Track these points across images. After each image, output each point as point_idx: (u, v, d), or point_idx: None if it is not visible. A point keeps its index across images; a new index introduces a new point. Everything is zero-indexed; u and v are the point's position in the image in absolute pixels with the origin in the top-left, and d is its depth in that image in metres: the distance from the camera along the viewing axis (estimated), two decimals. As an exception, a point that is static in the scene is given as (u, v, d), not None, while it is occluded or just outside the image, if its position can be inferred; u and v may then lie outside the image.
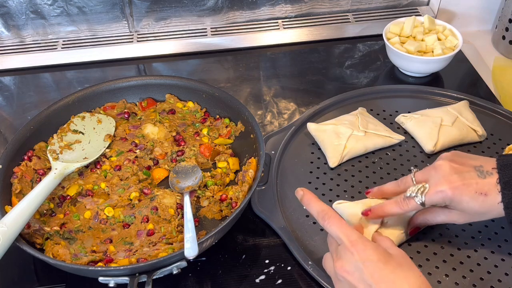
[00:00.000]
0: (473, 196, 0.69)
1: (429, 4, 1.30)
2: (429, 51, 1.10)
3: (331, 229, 0.67)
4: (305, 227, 0.83)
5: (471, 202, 0.69)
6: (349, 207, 0.80)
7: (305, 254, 0.79)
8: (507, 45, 1.20)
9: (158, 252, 0.77)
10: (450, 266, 0.77)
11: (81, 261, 0.76)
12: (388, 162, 0.93)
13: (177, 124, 0.99)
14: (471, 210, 0.70)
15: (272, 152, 0.94)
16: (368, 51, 1.22)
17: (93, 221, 0.84)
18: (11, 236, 0.73)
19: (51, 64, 1.20)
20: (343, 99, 1.04)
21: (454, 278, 0.76)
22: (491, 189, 0.68)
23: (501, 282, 0.75)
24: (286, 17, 1.28)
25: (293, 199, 0.87)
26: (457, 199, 0.70)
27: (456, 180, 0.70)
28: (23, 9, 1.18)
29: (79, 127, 0.96)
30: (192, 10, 1.23)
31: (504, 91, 1.10)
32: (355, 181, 0.90)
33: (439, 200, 0.71)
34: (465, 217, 0.72)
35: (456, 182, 0.69)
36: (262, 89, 1.13)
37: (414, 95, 1.06)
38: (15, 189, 0.84)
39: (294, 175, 0.92)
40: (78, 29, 1.23)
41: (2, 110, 1.11)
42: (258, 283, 0.78)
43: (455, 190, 0.69)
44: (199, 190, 0.88)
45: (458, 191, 0.69)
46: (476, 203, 0.69)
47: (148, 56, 1.22)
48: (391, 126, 0.99)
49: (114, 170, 0.91)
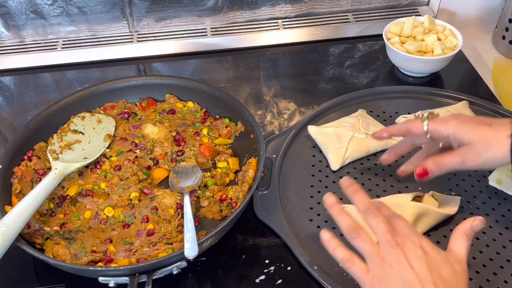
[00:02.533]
0: (477, 126, 0.73)
1: (429, 4, 1.30)
2: (429, 51, 1.10)
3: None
4: (309, 231, 0.83)
5: (475, 130, 0.72)
6: (352, 211, 0.80)
7: (310, 258, 0.79)
8: (507, 45, 1.20)
9: (158, 252, 0.77)
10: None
11: (81, 261, 0.76)
12: (389, 163, 0.93)
13: (177, 124, 0.99)
14: (476, 138, 0.72)
15: (273, 156, 0.94)
16: (368, 51, 1.22)
17: (93, 221, 0.84)
18: (11, 236, 0.73)
19: (51, 64, 1.20)
20: (342, 100, 1.04)
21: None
22: (497, 122, 0.72)
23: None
24: (286, 17, 1.28)
25: (296, 203, 0.87)
26: (460, 128, 0.73)
27: (464, 117, 0.75)
28: (23, 9, 1.18)
29: (79, 127, 0.96)
30: (192, 10, 1.23)
31: (504, 91, 1.10)
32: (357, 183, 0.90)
33: (442, 130, 0.74)
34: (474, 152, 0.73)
35: (463, 119, 0.75)
36: (262, 89, 1.13)
37: (414, 96, 1.06)
38: (15, 189, 0.84)
39: (296, 179, 0.91)
40: (78, 29, 1.23)
41: (2, 110, 1.11)
42: (258, 283, 0.78)
43: (460, 122, 0.74)
44: (199, 190, 0.88)
45: (463, 122, 0.74)
46: (480, 130, 0.72)
47: (148, 56, 1.22)
48: (392, 127, 0.99)
49: (114, 170, 0.91)
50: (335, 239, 0.69)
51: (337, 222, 0.70)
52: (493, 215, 0.84)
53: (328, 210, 0.72)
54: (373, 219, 0.67)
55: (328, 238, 0.69)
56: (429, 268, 0.63)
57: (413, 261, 0.63)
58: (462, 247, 0.66)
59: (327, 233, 0.70)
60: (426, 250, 0.64)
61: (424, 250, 0.64)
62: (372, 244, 0.66)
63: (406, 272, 0.63)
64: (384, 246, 0.65)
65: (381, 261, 0.64)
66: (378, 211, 0.68)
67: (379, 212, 0.68)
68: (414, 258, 0.63)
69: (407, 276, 0.63)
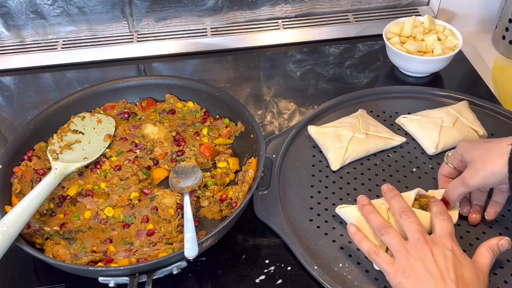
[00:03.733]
0: (478, 144, 0.76)
1: (429, 4, 1.30)
2: (429, 51, 1.10)
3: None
4: (309, 231, 0.83)
5: (475, 148, 0.76)
6: (352, 211, 0.80)
7: (310, 258, 0.78)
8: (507, 45, 1.20)
9: (158, 252, 0.77)
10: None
11: (81, 261, 0.76)
12: (390, 164, 0.93)
13: (177, 124, 0.99)
14: (473, 156, 0.75)
15: (273, 156, 0.94)
16: (368, 51, 1.22)
17: (93, 221, 0.84)
18: (11, 236, 0.73)
19: (51, 64, 1.20)
20: (342, 100, 1.04)
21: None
22: (498, 139, 0.75)
23: None
24: (286, 17, 1.28)
25: (296, 203, 0.87)
26: (463, 149, 0.78)
27: (473, 140, 0.83)
28: (23, 9, 1.18)
29: (79, 127, 0.96)
30: (192, 10, 1.23)
31: (504, 91, 1.10)
32: (357, 183, 0.90)
33: (454, 155, 0.80)
34: (470, 173, 0.75)
35: (471, 141, 0.81)
36: (262, 89, 1.13)
37: (414, 96, 1.06)
38: (15, 189, 0.84)
39: (296, 179, 0.91)
40: (78, 29, 1.23)
41: (2, 110, 1.11)
42: (258, 283, 0.78)
43: (465, 143, 0.79)
44: (199, 190, 0.88)
45: (468, 143, 0.79)
46: (479, 148, 0.75)
47: (148, 56, 1.22)
48: (392, 127, 0.99)
49: (114, 170, 0.91)
50: (361, 232, 0.74)
51: (368, 220, 0.75)
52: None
53: (360, 209, 0.77)
54: (407, 219, 0.72)
55: (354, 230, 0.75)
56: (454, 268, 0.65)
57: (439, 258, 0.66)
58: (487, 259, 0.69)
59: (354, 226, 0.75)
60: (455, 253, 0.67)
61: (454, 252, 0.67)
62: (400, 239, 0.70)
63: (429, 265, 0.66)
64: (413, 242, 0.69)
65: (407, 254, 0.68)
66: (413, 214, 0.72)
67: (413, 214, 0.72)
68: (441, 256, 0.66)
69: (429, 269, 0.65)
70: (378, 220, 0.74)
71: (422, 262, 0.66)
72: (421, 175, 0.91)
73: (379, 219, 0.74)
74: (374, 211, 0.75)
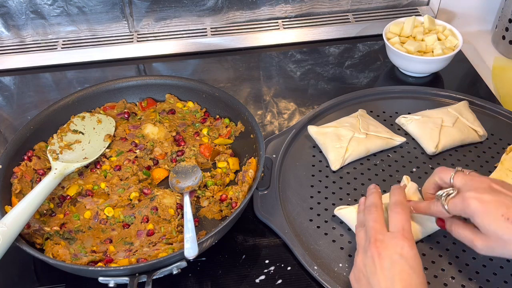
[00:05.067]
0: (497, 218, 0.62)
1: (429, 4, 1.30)
2: (429, 51, 1.10)
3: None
4: (309, 231, 0.83)
5: (494, 223, 0.62)
6: (351, 212, 0.80)
7: (310, 258, 0.79)
8: (507, 45, 1.20)
9: (158, 252, 0.77)
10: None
11: (81, 261, 0.76)
12: (390, 164, 0.93)
13: (177, 124, 0.99)
14: (492, 233, 0.63)
15: (273, 156, 0.94)
16: (368, 51, 1.22)
17: (93, 221, 0.84)
18: (11, 236, 0.73)
19: (51, 64, 1.20)
20: (342, 101, 1.04)
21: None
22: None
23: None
24: (286, 17, 1.28)
25: (296, 203, 0.87)
26: (479, 215, 0.64)
27: (487, 195, 0.63)
28: (23, 9, 1.18)
29: (79, 127, 0.96)
30: (192, 10, 1.23)
31: (504, 91, 1.10)
32: (357, 183, 0.90)
33: (461, 209, 0.66)
34: (487, 243, 0.65)
35: (486, 197, 0.63)
36: (262, 89, 1.13)
37: (414, 96, 1.06)
38: (15, 189, 0.84)
39: (296, 179, 0.91)
40: (78, 29, 1.23)
41: (2, 110, 1.11)
42: (258, 283, 0.78)
43: (480, 204, 0.63)
44: (199, 190, 0.88)
45: (483, 207, 0.63)
46: (499, 226, 0.62)
47: (148, 56, 1.22)
48: (392, 127, 0.99)
49: (114, 170, 0.91)
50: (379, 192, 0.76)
51: (366, 198, 0.76)
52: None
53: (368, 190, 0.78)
54: (368, 215, 0.71)
55: (362, 202, 0.76)
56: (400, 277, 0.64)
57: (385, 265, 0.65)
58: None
59: (363, 198, 0.77)
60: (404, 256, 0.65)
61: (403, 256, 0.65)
62: (372, 228, 0.69)
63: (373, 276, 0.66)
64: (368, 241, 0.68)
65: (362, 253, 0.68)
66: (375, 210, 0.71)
67: (375, 211, 0.71)
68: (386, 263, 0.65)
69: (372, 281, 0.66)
70: (372, 200, 0.73)
71: (368, 270, 0.66)
72: (421, 175, 0.91)
73: (375, 200, 0.73)
74: (377, 193, 0.75)
